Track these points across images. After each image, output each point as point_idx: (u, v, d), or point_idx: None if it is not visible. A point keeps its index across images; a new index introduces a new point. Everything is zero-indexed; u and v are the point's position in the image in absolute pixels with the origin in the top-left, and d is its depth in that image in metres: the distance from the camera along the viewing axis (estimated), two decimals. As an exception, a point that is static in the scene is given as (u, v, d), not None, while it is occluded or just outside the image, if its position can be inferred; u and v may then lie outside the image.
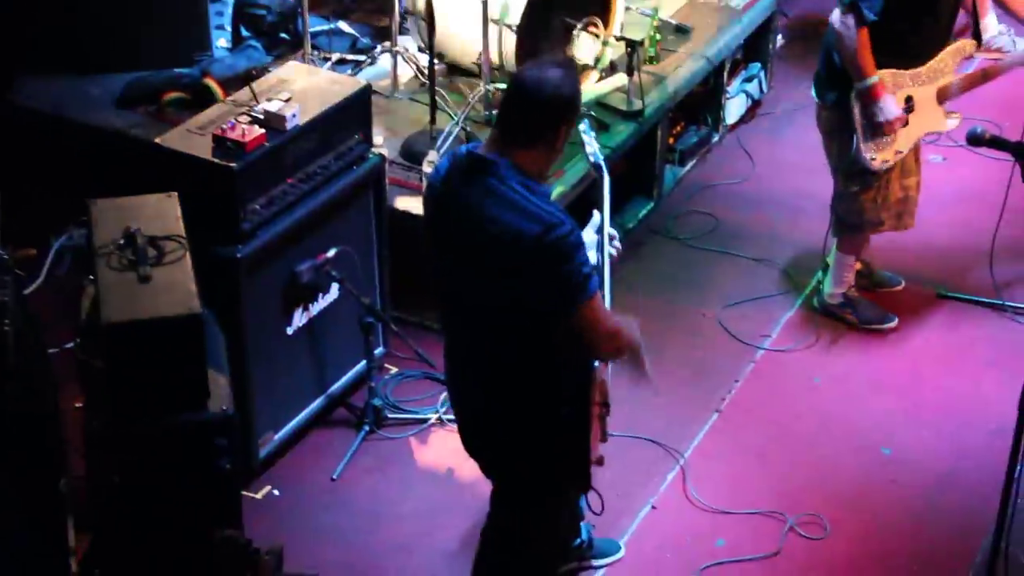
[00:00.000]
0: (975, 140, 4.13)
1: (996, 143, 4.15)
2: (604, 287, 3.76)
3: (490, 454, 3.82)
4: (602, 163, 4.03)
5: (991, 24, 6.97)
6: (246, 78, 5.19)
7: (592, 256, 3.70)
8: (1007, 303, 5.59)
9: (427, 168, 5.23)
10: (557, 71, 3.43)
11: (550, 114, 3.43)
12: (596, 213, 3.87)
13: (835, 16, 4.92)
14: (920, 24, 5.02)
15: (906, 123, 5.06)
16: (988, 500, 4.22)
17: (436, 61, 5.67)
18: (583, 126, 4.14)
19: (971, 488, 4.77)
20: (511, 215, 3.39)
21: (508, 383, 3.62)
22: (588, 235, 3.77)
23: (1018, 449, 3.81)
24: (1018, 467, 3.85)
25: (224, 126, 4.43)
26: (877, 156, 5.07)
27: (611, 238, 3.86)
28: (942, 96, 5.19)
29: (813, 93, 5.25)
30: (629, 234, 5.96)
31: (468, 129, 5.52)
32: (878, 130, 5.01)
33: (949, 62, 5.14)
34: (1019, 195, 4.81)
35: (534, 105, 3.43)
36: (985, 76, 5.28)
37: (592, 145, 4.10)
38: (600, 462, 3.74)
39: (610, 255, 3.84)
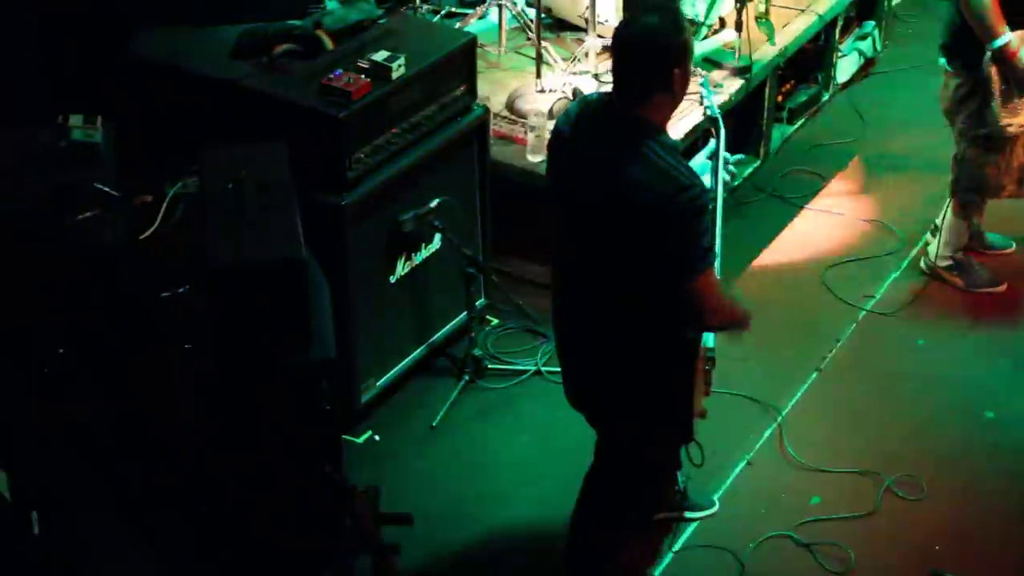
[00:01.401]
0: None
1: None
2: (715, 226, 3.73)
3: (595, 406, 3.83)
4: (719, 117, 4.04)
5: None
6: (356, 30, 5.24)
7: (705, 180, 3.68)
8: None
9: (533, 121, 5.26)
10: (653, 17, 3.39)
11: (658, 62, 3.38)
12: (712, 140, 3.87)
13: None
14: None
15: None
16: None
17: (543, 15, 5.68)
18: (700, 80, 4.16)
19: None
20: (640, 171, 3.35)
21: (616, 337, 3.61)
22: (699, 159, 3.77)
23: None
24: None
25: (331, 75, 4.51)
26: (1012, 121, 4.99)
27: (725, 182, 3.85)
28: None
29: (942, 62, 5.14)
30: (734, 192, 5.92)
31: (575, 85, 5.53)
32: (1013, 93, 4.92)
33: None
34: None
35: (640, 57, 3.40)
36: None
37: (709, 100, 4.12)
38: (703, 415, 3.75)
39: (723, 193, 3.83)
